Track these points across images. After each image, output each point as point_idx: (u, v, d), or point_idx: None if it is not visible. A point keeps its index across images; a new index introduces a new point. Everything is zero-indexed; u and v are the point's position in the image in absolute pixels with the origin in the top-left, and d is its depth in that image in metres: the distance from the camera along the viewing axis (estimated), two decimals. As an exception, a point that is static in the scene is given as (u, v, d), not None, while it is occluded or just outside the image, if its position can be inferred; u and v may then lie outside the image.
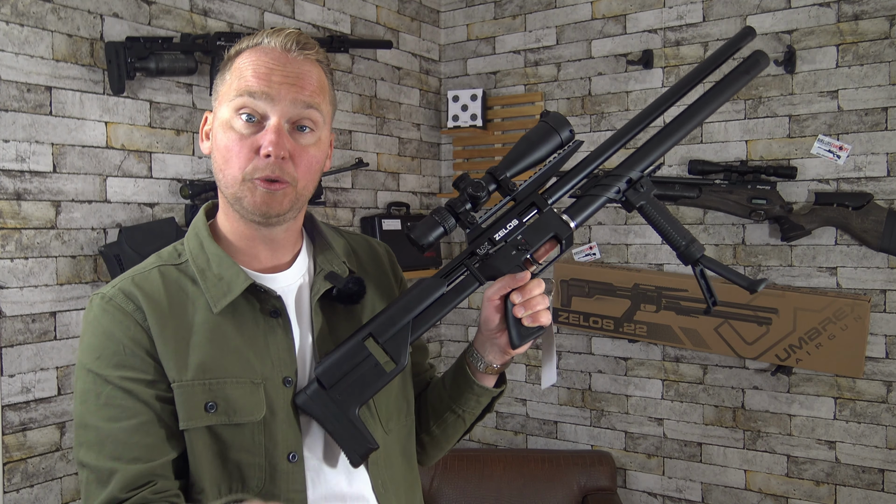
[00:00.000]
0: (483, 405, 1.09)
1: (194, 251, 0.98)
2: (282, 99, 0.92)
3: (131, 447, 0.88)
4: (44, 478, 1.88)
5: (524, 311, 0.99)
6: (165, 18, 2.14)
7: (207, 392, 0.91)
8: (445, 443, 1.15)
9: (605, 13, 2.84)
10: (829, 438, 2.48)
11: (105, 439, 0.89)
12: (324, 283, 1.01)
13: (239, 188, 0.93)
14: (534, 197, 1.03)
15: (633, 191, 1.04)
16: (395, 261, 1.19)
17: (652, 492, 2.81)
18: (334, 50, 2.52)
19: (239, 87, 0.92)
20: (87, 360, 0.92)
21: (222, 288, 0.95)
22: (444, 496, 2.64)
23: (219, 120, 0.96)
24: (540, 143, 1.01)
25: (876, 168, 2.37)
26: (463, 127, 3.04)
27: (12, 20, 1.80)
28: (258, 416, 0.92)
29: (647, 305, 2.67)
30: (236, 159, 0.92)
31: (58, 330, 1.91)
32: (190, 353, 0.92)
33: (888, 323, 2.38)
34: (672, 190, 2.57)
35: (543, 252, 1.05)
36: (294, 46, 0.94)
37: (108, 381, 0.90)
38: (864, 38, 2.38)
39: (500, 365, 1.07)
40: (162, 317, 0.93)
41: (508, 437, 3.14)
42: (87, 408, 0.91)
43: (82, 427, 0.91)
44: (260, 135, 0.92)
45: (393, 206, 2.94)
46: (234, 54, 0.97)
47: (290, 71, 0.93)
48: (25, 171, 1.84)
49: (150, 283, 0.95)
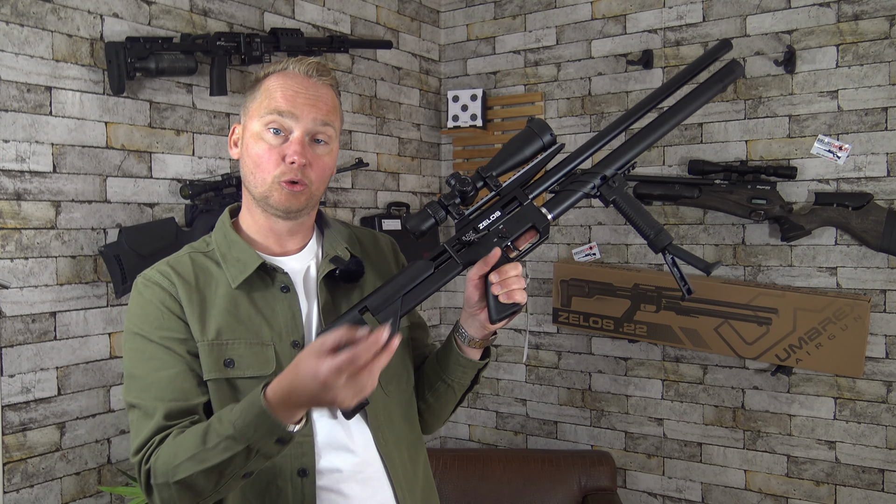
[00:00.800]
0: (470, 376, 1.23)
1: (219, 241, 1.20)
2: (304, 117, 1.13)
3: (172, 390, 1.08)
4: (44, 478, 1.88)
5: (500, 290, 1.11)
6: (165, 18, 2.14)
7: (224, 350, 1.11)
8: (440, 411, 1.30)
9: (605, 13, 2.84)
10: (829, 438, 2.48)
11: (151, 385, 1.08)
12: (328, 265, 1.20)
13: (268, 188, 1.14)
14: (516, 192, 1.16)
15: (606, 187, 1.17)
16: (398, 251, 1.37)
17: (652, 492, 2.81)
18: (334, 50, 2.51)
19: (269, 106, 1.12)
20: (133, 326, 1.13)
21: (239, 267, 1.15)
22: (444, 496, 2.63)
23: (249, 132, 1.15)
24: (523, 146, 1.15)
25: (876, 168, 2.37)
26: (463, 127, 3.04)
27: (12, 20, 1.80)
28: (268, 371, 1.11)
29: (647, 305, 2.67)
30: (266, 165, 1.13)
31: (58, 330, 1.91)
32: (210, 320, 1.12)
33: (888, 323, 2.38)
34: (672, 190, 2.57)
35: (523, 240, 1.16)
36: (315, 73, 1.16)
37: (151, 340, 1.10)
38: (864, 38, 2.38)
39: (482, 339, 1.20)
40: (189, 290, 1.13)
41: (508, 437, 3.14)
42: (134, 363, 1.11)
43: (131, 378, 1.11)
44: (286, 145, 1.13)
45: (393, 207, 2.94)
46: (263, 76, 1.17)
47: (311, 94, 1.14)
48: (25, 171, 1.84)
49: (182, 265, 1.17)
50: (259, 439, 0.95)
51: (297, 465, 1.11)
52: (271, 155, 1.12)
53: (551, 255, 2.99)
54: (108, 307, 2.02)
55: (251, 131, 1.15)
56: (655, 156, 2.75)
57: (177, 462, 0.98)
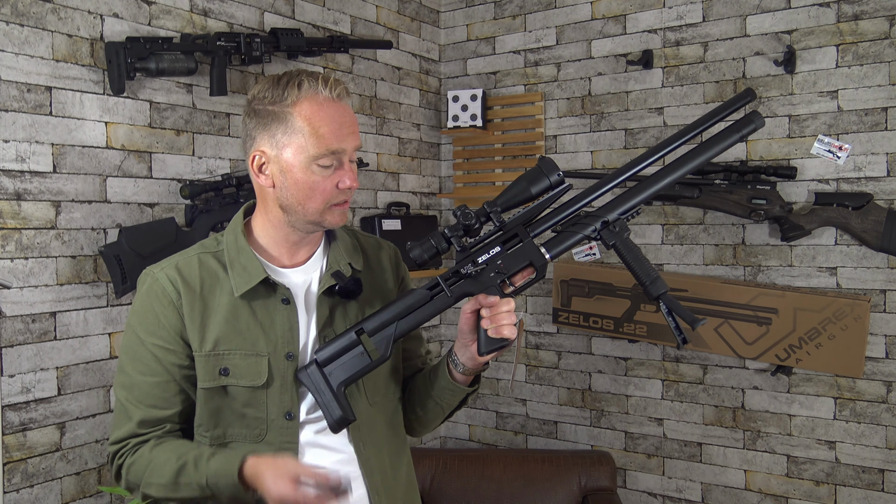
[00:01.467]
0: (458, 399, 1.28)
1: (230, 243, 1.23)
2: (350, 146, 1.18)
3: (152, 396, 1.18)
4: (44, 478, 1.88)
5: (490, 324, 1.15)
6: (165, 18, 2.14)
7: (221, 360, 1.17)
8: (429, 423, 1.36)
9: (605, 13, 2.84)
10: (829, 438, 2.48)
11: (133, 385, 1.19)
12: (329, 280, 1.24)
13: (320, 216, 1.19)
14: (517, 229, 1.18)
15: (607, 231, 1.18)
16: (400, 259, 1.40)
17: (652, 492, 2.81)
18: (334, 50, 2.51)
19: (320, 145, 1.14)
20: (133, 322, 1.20)
21: (245, 277, 1.19)
22: (444, 496, 2.63)
23: (290, 163, 1.16)
24: (531, 184, 1.17)
25: (876, 168, 2.37)
26: (463, 127, 3.04)
27: (12, 20, 1.80)
28: (259, 382, 1.18)
29: (647, 305, 2.67)
30: (321, 195, 1.17)
31: (58, 330, 1.91)
32: (209, 329, 1.18)
33: (888, 323, 2.38)
34: (672, 190, 2.57)
35: (520, 277, 1.18)
36: (344, 95, 1.19)
37: (143, 343, 1.18)
38: (863, 38, 2.38)
39: (472, 368, 1.23)
40: (193, 299, 1.18)
41: (508, 437, 3.14)
42: (127, 358, 1.20)
43: (121, 370, 1.21)
44: (339, 172, 1.17)
45: (393, 207, 2.94)
46: (290, 104, 1.15)
47: (347, 120, 1.18)
48: (25, 171, 1.84)
49: (190, 268, 1.21)
50: (224, 497, 1.09)
51: None
52: (326, 184, 1.16)
53: (551, 255, 2.98)
54: (108, 307, 2.02)
55: (295, 164, 1.16)
56: (655, 156, 2.75)
57: (150, 481, 1.14)
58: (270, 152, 1.17)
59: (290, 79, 1.16)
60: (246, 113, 1.21)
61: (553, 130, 2.98)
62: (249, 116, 1.20)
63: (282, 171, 1.17)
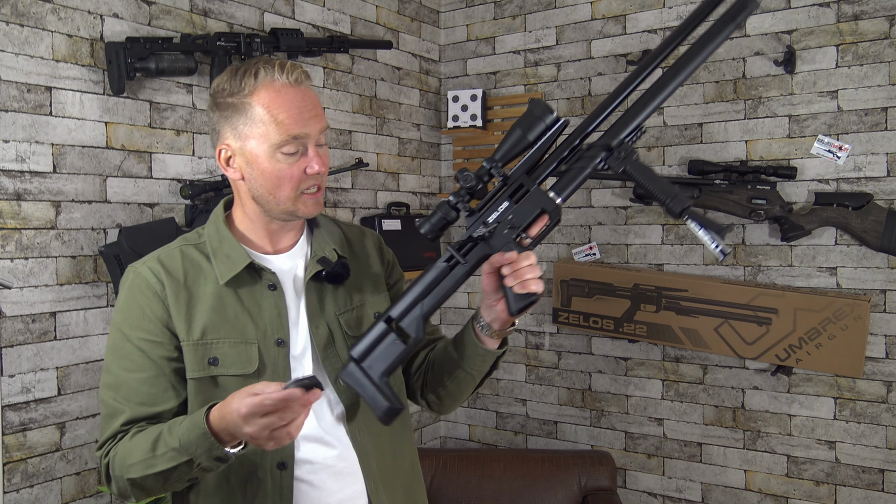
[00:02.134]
0: (488, 364, 1.24)
1: (211, 234, 1.22)
2: (313, 130, 1.15)
3: (140, 394, 1.14)
4: (44, 478, 1.88)
5: (514, 281, 1.11)
6: (165, 18, 2.14)
7: (209, 349, 1.15)
8: (459, 395, 1.31)
9: (605, 13, 2.84)
10: (829, 438, 2.48)
11: (121, 384, 1.15)
12: (315, 266, 1.23)
13: (292, 204, 1.17)
14: (522, 179, 1.14)
15: (614, 158, 1.11)
16: (384, 244, 1.40)
17: (652, 492, 2.81)
18: (334, 50, 2.51)
19: (280, 131, 1.12)
20: (117, 319, 1.17)
21: (228, 265, 1.18)
22: (444, 496, 2.63)
23: (255, 153, 1.15)
24: (526, 131, 1.13)
25: (876, 168, 2.37)
26: (463, 127, 3.04)
27: (12, 20, 1.80)
28: (251, 370, 1.15)
29: (647, 305, 2.67)
30: (289, 182, 1.15)
31: (58, 330, 1.91)
32: (196, 318, 1.15)
33: (888, 323, 2.38)
34: (672, 190, 2.57)
35: (535, 227, 1.14)
36: (302, 79, 1.16)
37: (128, 339, 1.15)
38: (863, 38, 2.38)
39: (500, 329, 1.20)
40: (178, 288, 1.16)
41: (508, 437, 3.14)
42: (112, 357, 1.16)
43: (106, 371, 1.17)
44: (304, 159, 1.15)
45: (393, 207, 2.94)
46: (249, 94, 1.13)
47: (309, 104, 1.15)
48: (25, 171, 1.84)
49: (173, 260, 1.19)
50: (200, 455, 1.03)
51: (277, 458, 1.16)
52: (293, 171, 1.15)
53: (551, 255, 2.99)
54: (108, 307, 2.02)
55: (259, 153, 1.14)
56: (655, 156, 2.75)
57: (129, 463, 1.08)
58: (235, 144, 1.16)
59: (247, 68, 1.15)
60: (209, 107, 1.20)
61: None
62: (212, 110, 1.19)
63: (248, 163, 1.16)
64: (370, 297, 1.30)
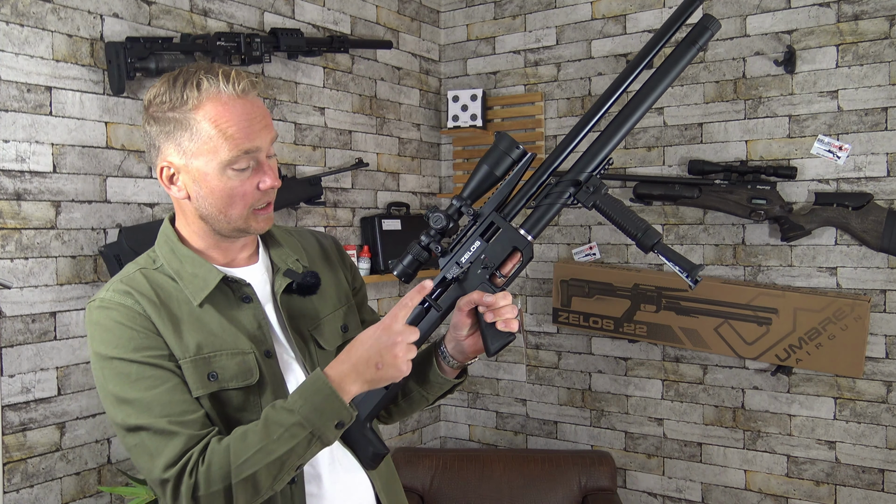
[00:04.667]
0: (445, 390, 1.24)
1: (167, 256, 1.13)
2: (264, 143, 1.08)
3: (176, 403, 1.03)
4: (44, 478, 1.88)
5: (493, 318, 1.10)
6: (165, 18, 2.14)
7: (208, 364, 1.07)
8: (410, 412, 1.31)
9: (605, 13, 2.84)
10: (829, 438, 2.48)
11: (151, 404, 1.02)
12: (284, 279, 1.17)
13: (244, 222, 1.09)
14: (492, 217, 1.13)
15: (583, 192, 1.11)
16: (342, 249, 1.35)
17: (652, 492, 2.81)
18: (334, 50, 2.51)
19: (231, 147, 1.04)
20: (106, 352, 1.04)
21: (198, 283, 1.10)
22: (444, 496, 2.64)
23: (202, 171, 1.06)
24: (493, 167, 1.11)
25: (876, 168, 2.37)
26: (463, 127, 3.04)
27: (12, 20, 1.80)
28: (253, 380, 1.09)
29: (647, 305, 2.67)
30: (242, 200, 1.08)
31: (58, 330, 1.91)
32: (185, 336, 1.07)
33: (888, 323, 2.38)
34: (672, 190, 2.57)
35: (508, 266, 1.13)
36: (249, 88, 1.07)
37: (132, 362, 1.03)
38: (863, 38, 2.38)
39: (462, 361, 1.20)
40: (155, 307, 1.07)
41: (508, 437, 3.14)
42: (122, 388, 1.03)
43: (123, 402, 1.03)
44: (256, 174, 1.08)
45: (393, 207, 2.94)
46: (192, 108, 1.04)
47: (257, 115, 1.07)
48: (25, 171, 1.84)
49: (137, 282, 1.10)
50: (322, 424, 0.99)
51: None
52: (245, 188, 1.07)
53: (551, 255, 2.99)
54: (108, 307, 2.01)
55: (208, 171, 1.06)
56: (655, 156, 2.75)
57: (241, 460, 0.98)
58: (179, 162, 1.07)
59: (186, 79, 1.05)
60: (145, 120, 1.09)
61: (553, 130, 2.98)
62: (149, 124, 1.08)
63: (195, 181, 1.07)
64: (337, 307, 1.25)
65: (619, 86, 1.13)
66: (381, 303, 2.96)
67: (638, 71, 1.12)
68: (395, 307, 1.03)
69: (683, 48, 1.09)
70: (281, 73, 2.50)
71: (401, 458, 2.70)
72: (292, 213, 2.55)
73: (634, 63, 1.12)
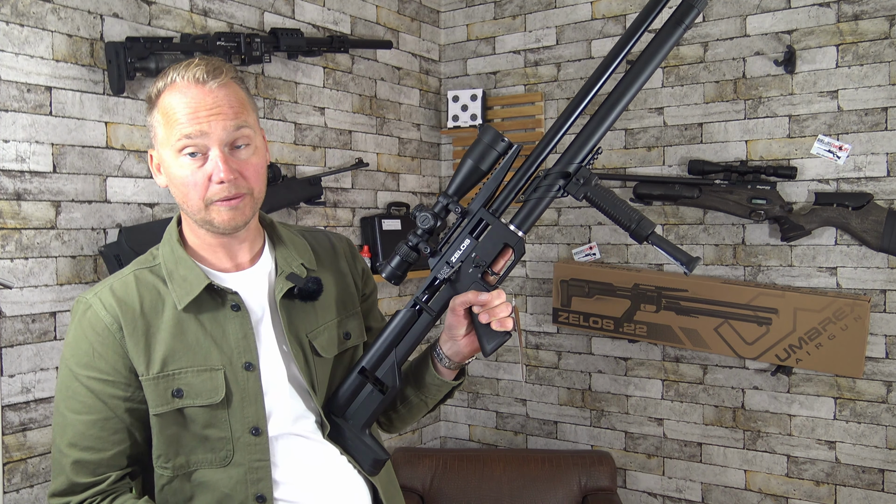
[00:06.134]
0: (444, 393, 1.22)
1: (166, 255, 1.14)
2: (214, 130, 1.05)
3: (86, 437, 1.06)
4: (44, 478, 1.88)
5: (488, 318, 1.08)
6: (165, 18, 2.14)
7: (172, 381, 1.07)
8: (410, 419, 1.30)
9: (605, 13, 2.84)
10: (829, 438, 2.48)
11: (67, 425, 1.08)
12: (285, 283, 1.15)
13: (205, 213, 1.08)
14: (481, 213, 1.10)
15: (572, 184, 1.09)
16: (356, 253, 1.32)
17: (652, 492, 2.81)
18: (334, 50, 2.51)
19: (175, 131, 1.05)
20: (66, 355, 1.09)
21: (186, 288, 1.10)
22: (444, 496, 2.64)
23: (166, 159, 1.08)
24: (478, 162, 1.09)
25: (876, 168, 2.37)
26: (463, 127, 3.04)
27: (12, 20, 1.80)
28: (217, 398, 1.08)
29: (647, 305, 2.67)
30: (194, 190, 1.06)
31: (58, 330, 1.91)
32: (155, 349, 1.07)
33: (888, 323, 2.38)
34: (672, 190, 2.57)
35: (499, 263, 1.11)
36: (206, 77, 1.06)
37: (76, 378, 1.07)
38: (864, 38, 2.38)
39: (459, 361, 1.18)
40: (133, 319, 1.08)
41: (508, 437, 3.14)
42: (60, 396, 1.09)
43: (56, 410, 1.10)
44: (207, 165, 1.06)
45: (393, 207, 2.94)
46: (155, 96, 1.08)
47: (211, 102, 1.05)
48: (25, 171, 1.84)
49: (127, 289, 1.10)
50: None
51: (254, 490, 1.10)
52: (196, 178, 1.06)
53: (551, 255, 2.99)
54: (108, 307, 2.02)
55: (165, 157, 1.08)
56: (655, 156, 2.75)
57: None
58: (157, 152, 1.11)
59: (166, 71, 1.09)
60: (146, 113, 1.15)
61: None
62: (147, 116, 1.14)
63: (164, 169, 1.10)
64: (341, 314, 1.22)
65: (605, 71, 1.11)
66: (382, 303, 2.96)
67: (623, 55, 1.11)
68: None
69: (669, 28, 1.09)
70: (281, 73, 2.50)
71: (401, 458, 2.70)
72: (292, 213, 2.55)
73: (618, 48, 1.11)
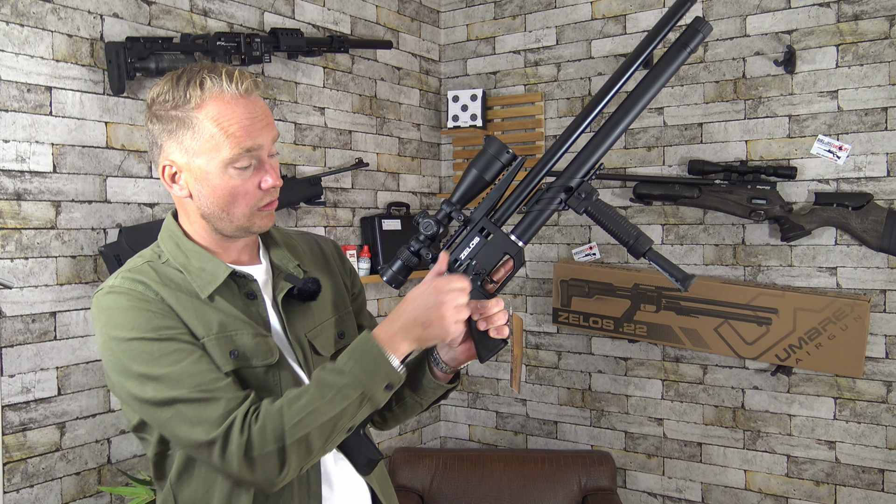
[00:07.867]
0: (439, 394, 1.24)
1: (172, 251, 1.13)
2: (265, 141, 1.09)
3: (205, 373, 1.02)
4: (44, 478, 1.88)
5: (485, 326, 1.11)
6: (165, 18, 2.14)
7: (230, 342, 1.07)
8: (404, 418, 1.30)
9: (605, 13, 2.84)
10: (829, 438, 2.48)
11: (181, 377, 1.01)
12: (285, 284, 1.17)
13: (248, 220, 1.10)
14: (483, 222, 1.12)
15: (574, 198, 1.11)
16: (343, 254, 1.35)
17: (652, 492, 2.81)
18: (334, 50, 2.51)
19: (233, 146, 1.05)
20: (123, 334, 1.03)
21: (206, 277, 1.10)
22: (444, 496, 2.64)
23: (204, 170, 1.07)
24: (483, 171, 1.11)
25: (876, 168, 2.37)
26: (463, 127, 3.04)
27: (12, 20, 1.80)
28: (273, 360, 1.09)
29: (647, 305, 2.67)
30: (244, 199, 1.08)
31: (58, 330, 1.91)
32: (204, 315, 1.07)
33: (888, 323, 2.38)
34: (672, 190, 2.57)
35: (500, 272, 1.13)
36: (253, 88, 1.08)
37: (153, 340, 1.02)
38: (864, 38, 2.38)
39: (455, 366, 1.20)
40: (169, 291, 1.07)
41: (508, 437, 3.14)
42: (146, 367, 1.02)
43: (152, 380, 1.01)
44: (259, 173, 1.09)
45: (393, 207, 2.94)
46: (195, 107, 1.05)
47: (259, 114, 1.08)
48: (25, 171, 1.84)
49: (146, 273, 1.09)
50: (372, 385, 1.02)
51: None
52: (247, 186, 1.08)
53: (551, 255, 2.99)
54: (108, 307, 2.02)
55: (210, 170, 1.07)
56: (655, 156, 2.75)
57: (294, 421, 0.98)
58: (181, 160, 1.08)
59: (190, 78, 1.06)
60: (147, 118, 1.10)
61: (553, 130, 2.98)
62: (152, 122, 1.09)
63: (197, 180, 1.08)
64: (335, 314, 1.24)
65: (612, 87, 1.13)
66: (382, 303, 2.96)
67: (630, 72, 1.13)
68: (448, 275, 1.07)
69: (674, 51, 1.10)
70: (281, 73, 2.50)
71: (401, 458, 2.70)
72: (292, 213, 2.55)
73: (626, 65, 1.13)
